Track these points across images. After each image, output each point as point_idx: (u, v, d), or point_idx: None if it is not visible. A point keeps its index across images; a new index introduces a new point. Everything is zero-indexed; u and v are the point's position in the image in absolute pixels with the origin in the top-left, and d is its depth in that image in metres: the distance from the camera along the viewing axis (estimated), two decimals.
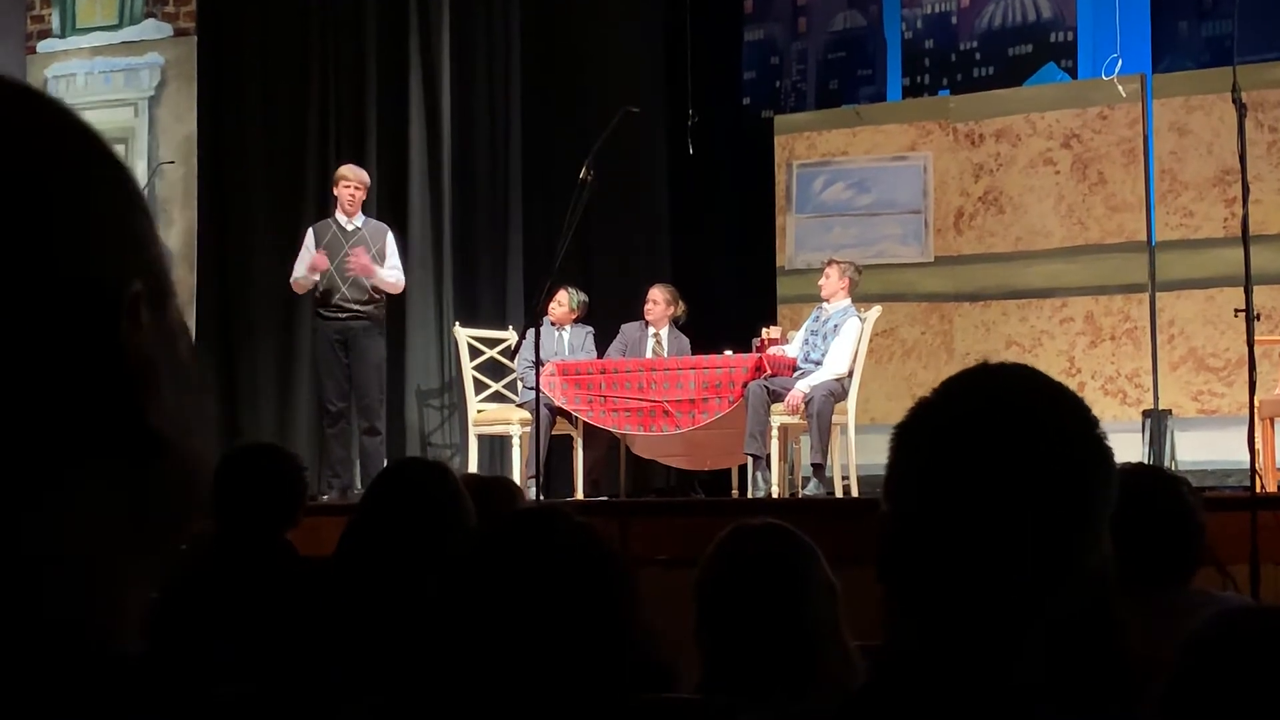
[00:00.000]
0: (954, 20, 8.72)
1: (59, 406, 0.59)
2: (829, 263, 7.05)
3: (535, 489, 6.35)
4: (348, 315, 7.08)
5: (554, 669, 1.54)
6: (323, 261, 7.01)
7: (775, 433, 6.58)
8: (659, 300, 7.39)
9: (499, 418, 7.33)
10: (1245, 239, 4.74)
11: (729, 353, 6.90)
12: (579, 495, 6.95)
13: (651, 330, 7.42)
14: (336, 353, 7.11)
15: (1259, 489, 4.78)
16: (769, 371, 6.66)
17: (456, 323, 7.68)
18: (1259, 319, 4.95)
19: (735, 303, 8.47)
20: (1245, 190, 4.77)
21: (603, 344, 7.51)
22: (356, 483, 7.22)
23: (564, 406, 6.93)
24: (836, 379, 6.69)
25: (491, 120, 8.41)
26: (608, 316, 7.66)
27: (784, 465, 6.74)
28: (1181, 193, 7.63)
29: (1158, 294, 7.64)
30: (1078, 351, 7.76)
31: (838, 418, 6.69)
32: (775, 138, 8.59)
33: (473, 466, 7.20)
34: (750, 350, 6.97)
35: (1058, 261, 7.85)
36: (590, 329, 7.58)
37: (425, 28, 8.38)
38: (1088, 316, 7.77)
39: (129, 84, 9.05)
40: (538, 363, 6.59)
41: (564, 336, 7.49)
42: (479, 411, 7.38)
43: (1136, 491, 2.18)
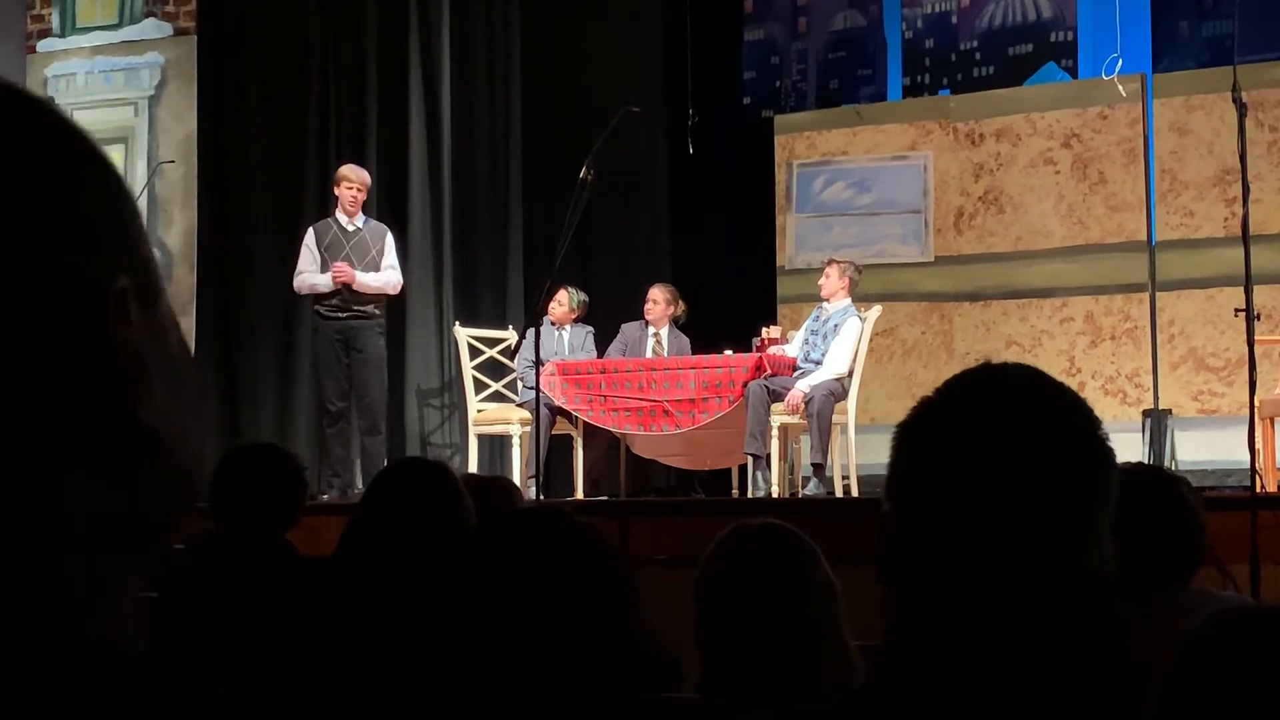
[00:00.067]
0: (954, 20, 8.72)
1: (48, 405, 0.59)
2: (829, 262, 7.05)
3: (535, 489, 6.34)
4: (348, 315, 7.07)
5: (554, 669, 1.54)
6: (340, 274, 6.97)
7: (775, 432, 6.58)
8: (659, 300, 7.39)
9: (499, 417, 7.33)
10: (1245, 239, 4.74)
11: (729, 352, 6.90)
12: (579, 495, 6.94)
13: (651, 330, 7.42)
14: (337, 352, 7.10)
15: (1259, 489, 4.78)
16: (769, 371, 6.66)
17: (456, 322, 7.68)
18: (1259, 319, 4.95)
19: (735, 302, 8.47)
20: (1245, 190, 4.77)
21: (603, 344, 7.51)
22: (357, 483, 7.21)
23: (564, 406, 6.93)
24: (836, 379, 6.69)
25: (491, 120, 8.41)
26: (608, 316, 7.66)
27: (784, 465, 6.74)
28: (1181, 192, 7.63)
29: (1158, 294, 7.65)
30: (1078, 351, 7.76)
31: (838, 417, 6.69)
32: (775, 137, 8.60)
33: (473, 466, 7.20)
34: (750, 350, 6.96)
35: (1058, 261, 7.85)
36: (590, 329, 7.58)
37: (425, 28, 8.37)
38: (1088, 316, 7.77)
39: (129, 83, 9.05)
40: (538, 362, 6.59)
41: (564, 336, 7.49)
42: (479, 411, 7.38)
43: (1136, 491, 2.18)
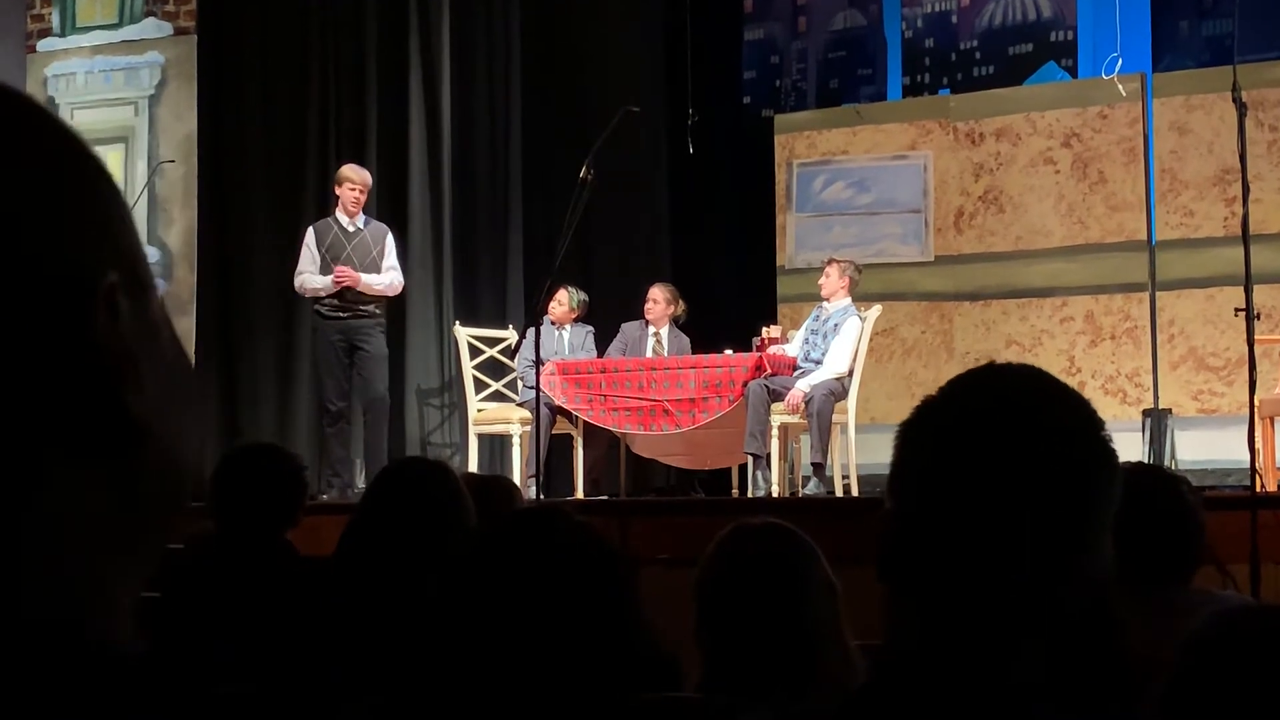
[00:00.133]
0: (954, 19, 8.72)
1: (39, 401, 0.59)
2: (829, 262, 7.05)
3: (535, 488, 6.34)
4: (349, 314, 7.07)
5: (555, 668, 1.54)
6: (342, 278, 6.97)
7: (775, 432, 6.58)
8: (659, 299, 7.39)
9: (499, 417, 7.33)
10: (1245, 238, 4.74)
11: (729, 352, 6.90)
12: (579, 494, 6.94)
13: (651, 329, 7.42)
14: (337, 352, 7.09)
15: (1259, 488, 4.78)
16: (769, 371, 6.66)
17: (456, 322, 7.68)
18: (1259, 318, 4.95)
19: (735, 302, 8.46)
20: (1245, 189, 4.77)
21: (603, 343, 7.51)
22: (357, 482, 7.21)
23: (564, 406, 6.93)
24: (836, 378, 6.69)
25: (491, 120, 8.41)
26: (608, 316, 7.65)
27: (784, 465, 6.74)
28: (1181, 192, 7.63)
29: (1158, 293, 7.64)
30: (1078, 351, 7.76)
31: (838, 417, 6.69)
32: (775, 137, 8.60)
33: (473, 466, 7.20)
34: (750, 349, 6.96)
35: (1058, 261, 7.85)
36: (590, 328, 7.58)
37: (425, 28, 8.37)
38: (1088, 316, 7.77)
39: (129, 83, 9.05)
40: (538, 362, 6.59)
41: (564, 336, 7.48)
42: (479, 411, 7.38)
43: (1136, 491, 2.17)
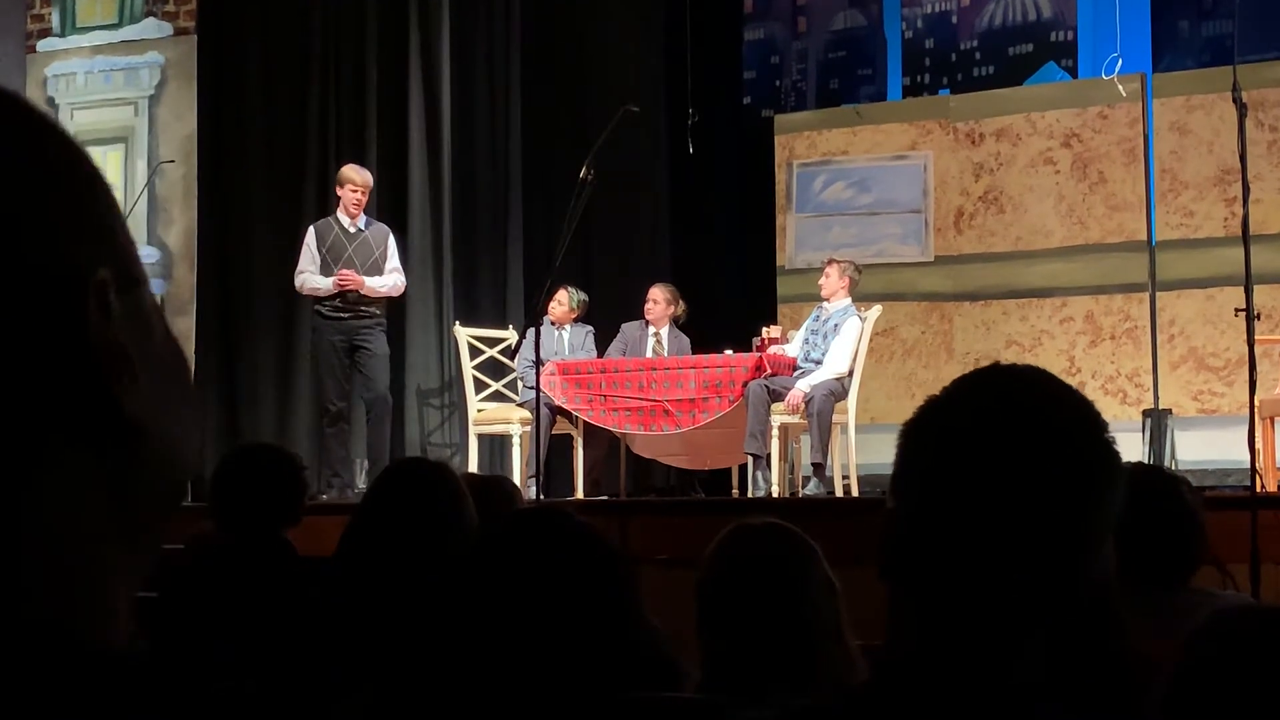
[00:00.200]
0: (954, 20, 8.73)
1: (32, 398, 0.59)
2: (829, 262, 7.05)
3: (535, 488, 6.34)
4: (350, 315, 7.07)
5: (556, 668, 1.54)
6: (346, 281, 6.97)
7: (775, 432, 6.58)
8: (659, 300, 7.38)
9: (499, 417, 7.33)
10: (1245, 238, 4.74)
11: (729, 352, 6.89)
12: (579, 495, 6.94)
13: (651, 330, 7.42)
14: (338, 352, 7.09)
15: (1259, 488, 4.78)
16: (769, 371, 6.66)
17: (456, 322, 7.68)
18: (1259, 318, 4.95)
19: (735, 302, 8.47)
20: (1245, 190, 4.77)
21: (603, 343, 7.50)
22: (357, 482, 7.21)
23: (564, 406, 6.93)
24: (837, 378, 6.69)
25: (491, 120, 8.41)
26: (608, 316, 7.65)
27: (784, 465, 6.74)
28: (1181, 192, 7.63)
29: (1158, 293, 7.65)
30: (1078, 351, 7.76)
31: (838, 417, 6.69)
32: (775, 137, 8.60)
33: (473, 466, 7.20)
34: (750, 350, 6.96)
35: (1058, 261, 7.85)
36: (590, 328, 7.58)
37: (425, 28, 8.37)
38: (1088, 316, 7.77)
39: (129, 83, 9.05)
40: (538, 362, 6.59)
41: (564, 336, 7.48)
42: (479, 411, 7.38)
43: (1136, 491, 2.17)
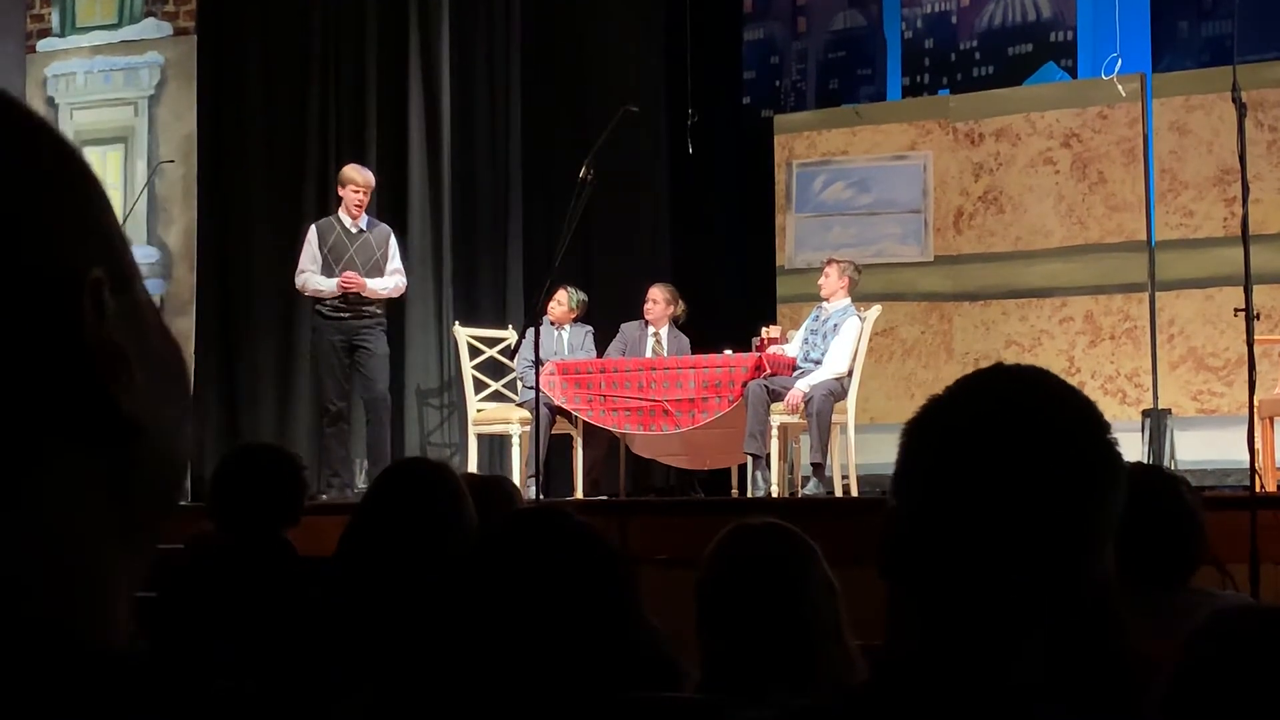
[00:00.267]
0: (954, 20, 8.73)
1: (29, 399, 0.59)
2: (828, 262, 7.05)
3: (535, 488, 6.34)
4: (350, 315, 7.07)
5: (555, 668, 1.54)
6: (349, 283, 6.97)
7: (775, 432, 6.58)
8: (659, 299, 7.38)
9: (499, 417, 7.33)
10: (1245, 238, 4.74)
11: (729, 352, 6.89)
12: (579, 495, 6.94)
13: (651, 330, 7.42)
14: (338, 352, 7.09)
15: (1259, 488, 4.78)
16: (769, 371, 6.66)
17: (456, 322, 7.68)
18: (1259, 318, 4.95)
19: (735, 302, 8.47)
20: (1245, 190, 4.77)
21: (602, 343, 7.50)
22: (357, 482, 7.21)
23: (564, 406, 6.93)
24: (836, 378, 6.69)
25: (491, 120, 8.41)
26: (608, 316, 7.65)
27: (784, 465, 6.74)
28: (1181, 192, 7.63)
29: (1157, 293, 7.65)
30: (1077, 351, 7.76)
31: (837, 417, 6.69)
32: (775, 137, 8.60)
33: (472, 466, 7.20)
34: (750, 350, 6.96)
35: (1057, 261, 7.85)
36: (590, 328, 7.58)
37: (425, 28, 8.37)
38: (1087, 316, 7.77)
39: (129, 83, 9.04)
40: (537, 362, 6.59)
41: (563, 336, 7.48)
42: (479, 411, 7.38)
43: (1136, 492, 2.18)
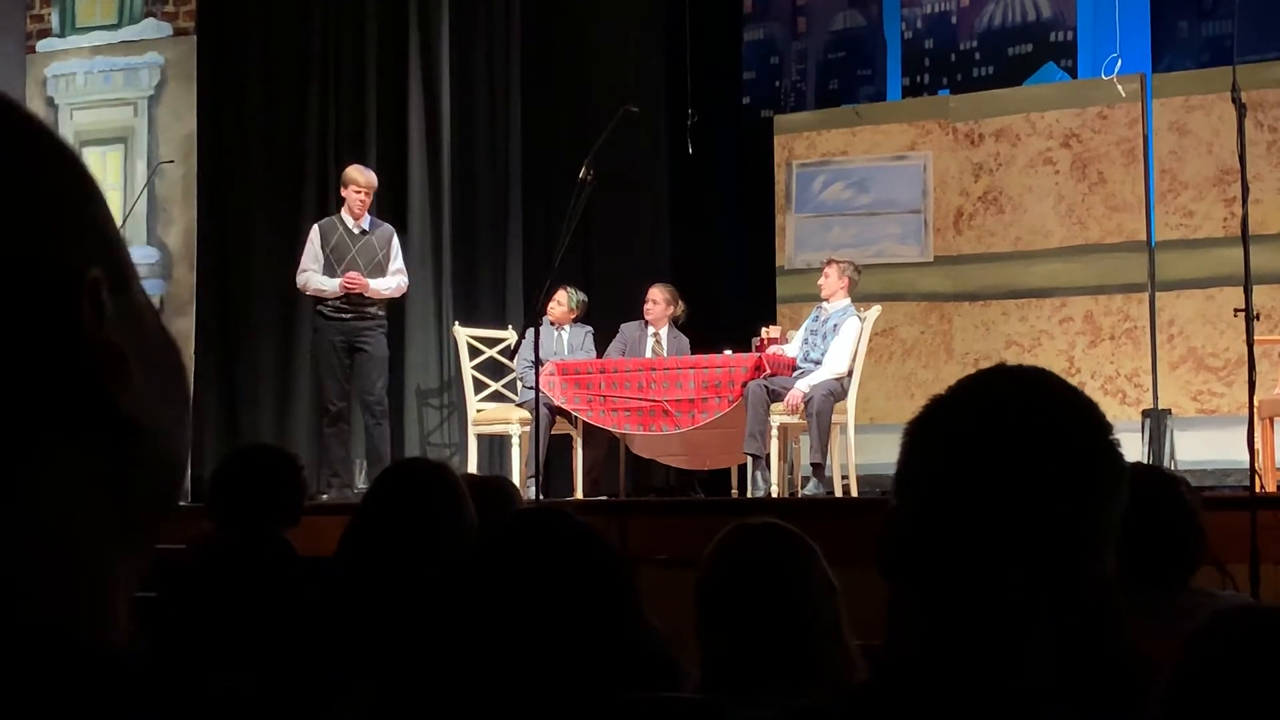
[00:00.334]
0: (954, 20, 8.73)
1: (28, 399, 0.59)
2: (828, 262, 7.05)
3: (535, 489, 6.34)
4: (352, 316, 7.06)
5: (556, 668, 1.54)
6: (353, 284, 6.97)
7: (775, 432, 6.58)
8: (658, 300, 7.38)
9: (498, 417, 7.33)
10: (1245, 239, 4.74)
11: (729, 352, 6.89)
12: (578, 495, 6.94)
13: (651, 330, 7.42)
14: (339, 353, 7.09)
15: (1259, 489, 4.78)
16: (768, 371, 6.66)
17: (456, 322, 7.68)
18: (1258, 319, 4.95)
19: (735, 302, 8.47)
20: (1245, 190, 4.77)
21: (602, 343, 7.50)
22: (357, 482, 7.21)
23: (564, 406, 6.93)
24: (836, 378, 6.68)
25: (491, 120, 8.41)
26: (607, 316, 7.65)
27: (784, 465, 6.74)
28: (1181, 192, 7.63)
29: (1157, 294, 7.65)
30: (1077, 351, 7.76)
31: (837, 417, 6.69)
32: (775, 137, 8.60)
33: (472, 466, 7.20)
34: (750, 350, 6.96)
35: (1057, 261, 7.85)
36: (589, 328, 7.58)
37: (425, 28, 8.37)
38: (1087, 316, 7.77)
39: (128, 83, 9.04)
40: (537, 362, 6.59)
41: (563, 336, 7.48)
42: (478, 411, 7.38)
43: (1136, 492, 2.18)
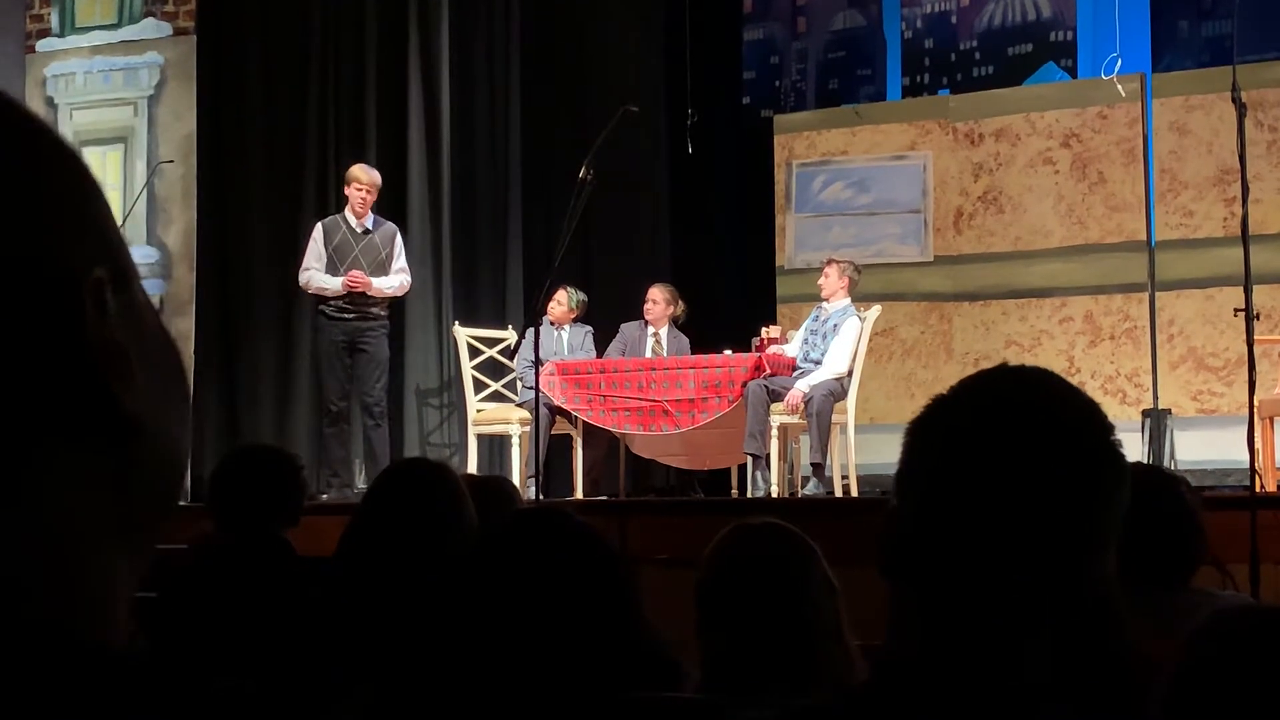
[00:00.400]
0: (954, 20, 8.73)
1: (31, 397, 0.59)
2: (828, 262, 7.05)
3: (535, 489, 6.34)
4: (354, 316, 7.06)
5: (556, 668, 1.54)
6: (356, 283, 6.97)
7: (775, 432, 6.58)
8: (658, 300, 7.38)
9: (498, 417, 7.33)
10: (1245, 238, 4.74)
11: (728, 352, 6.89)
12: (578, 495, 6.94)
13: (651, 330, 7.42)
14: (340, 352, 7.08)
15: (1258, 488, 4.78)
16: (768, 371, 6.66)
17: (456, 322, 7.68)
18: (1258, 318, 4.95)
19: (735, 302, 8.47)
20: (1245, 190, 4.77)
21: (602, 343, 7.50)
22: (357, 482, 7.21)
23: (564, 406, 6.93)
24: (836, 378, 6.68)
25: (491, 120, 8.41)
26: (607, 316, 7.65)
27: (783, 465, 6.74)
28: (1181, 192, 7.63)
29: (1157, 293, 7.65)
30: (1077, 351, 7.76)
31: (837, 417, 6.69)
32: (775, 137, 8.60)
33: (472, 466, 7.20)
34: (750, 350, 6.96)
35: (1057, 261, 7.85)
36: (589, 328, 7.58)
37: (425, 28, 8.37)
38: (1087, 316, 7.77)
39: (128, 83, 9.04)
40: (537, 362, 6.59)
41: (563, 336, 7.48)
42: (478, 411, 7.38)
43: (1136, 491, 2.18)
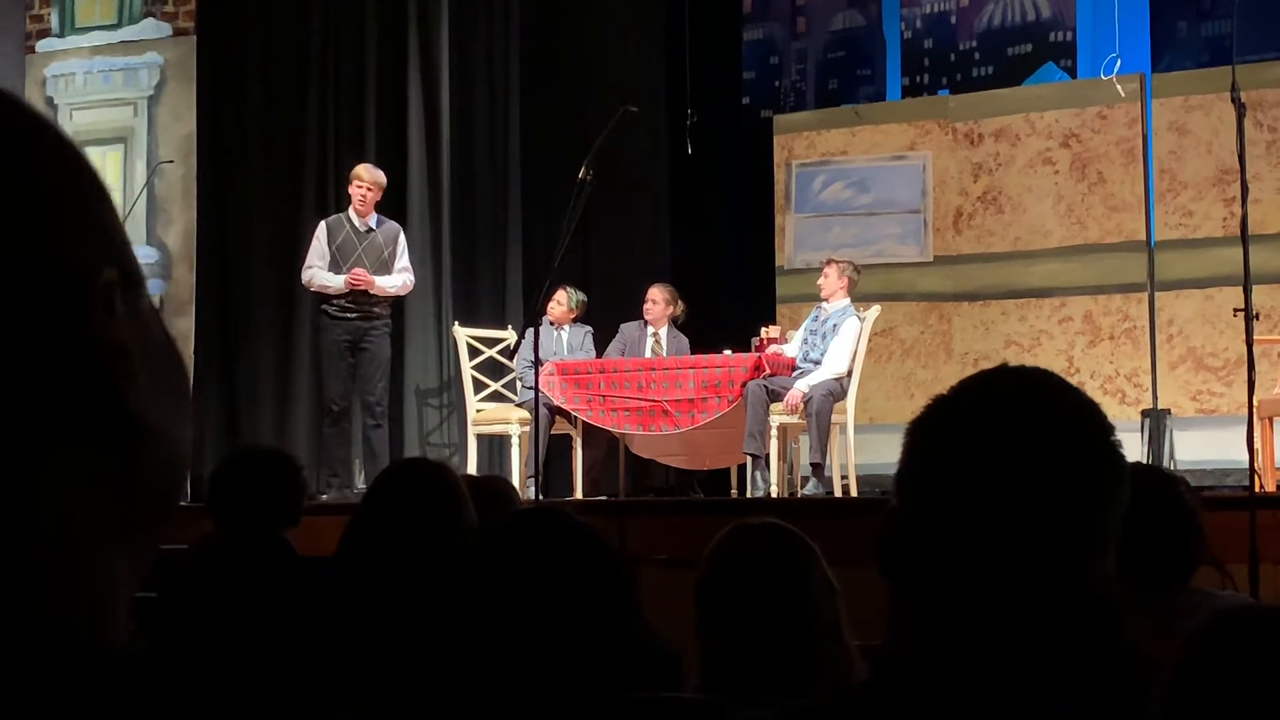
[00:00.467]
0: (953, 20, 8.73)
1: (37, 396, 0.59)
2: (828, 262, 7.05)
3: (534, 489, 6.34)
4: (357, 315, 7.06)
5: (556, 668, 1.54)
6: (358, 280, 6.97)
7: (774, 432, 6.58)
8: (658, 300, 7.38)
9: (498, 417, 7.33)
10: (1244, 238, 4.74)
11: (728, 352, 6.90)
12: (578, 495, 6.94)
13: (650, 330, 7.42)
14: (342, 352, 7.08)
15: (1258, 488, 4.78)
16: (768, 371, 6.66)
17: (455, 322, 7.68)
18: (1258, 319, 4.94)
19: (735, 302, 8.47)
20: (1244, 190, 4.77)
21: (602, 343, 7.50)
22: (357, 482, 7.21)
23: (563, 406, 6.93)
24: (835, 378, 6.69)
25: (491, 120, 8.41)
26: (607, 316, 7.65)
27: (783, 465, 6.74)
28: (1180, 192, 7.64)
29: (1157, 293, 7.65)
30: (1077, 351, 7.76)
31: (837, 417, 6.69)
32: (775, 137, 8.60)
33: (472, 466, 7.20)
34: (749, 350, 6.96)
35: (1056, 261, 7.85)
36: (589, 328, 7.58)
37: (425, 28, 8.37)
38: (1086, 316, 7.77)
39: (128, 83, 9.04)
40: (537, 362, 6.59)
41: (563, 336, 7.48)
42: (478, 411, 7.38)
43: (1135, 491, 2.18)
